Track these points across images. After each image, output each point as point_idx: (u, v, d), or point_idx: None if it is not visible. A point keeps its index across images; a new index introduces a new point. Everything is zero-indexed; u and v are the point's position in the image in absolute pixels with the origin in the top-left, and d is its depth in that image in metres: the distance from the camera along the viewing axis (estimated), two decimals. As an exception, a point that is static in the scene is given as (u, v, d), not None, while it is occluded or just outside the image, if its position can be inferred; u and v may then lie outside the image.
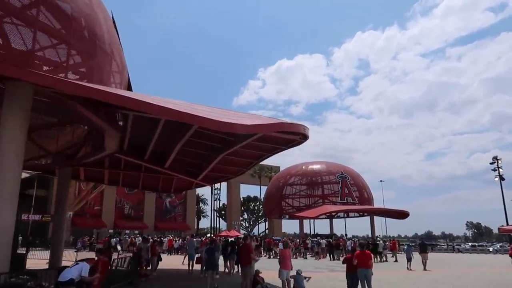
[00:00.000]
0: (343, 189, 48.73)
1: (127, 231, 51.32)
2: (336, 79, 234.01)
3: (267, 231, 76.60)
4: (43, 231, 47.32)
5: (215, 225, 73.44)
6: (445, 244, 61.75)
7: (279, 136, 12.11)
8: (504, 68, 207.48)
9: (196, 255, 16.39)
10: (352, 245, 28.28)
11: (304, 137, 12.21)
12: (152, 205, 61.58)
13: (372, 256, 27.54)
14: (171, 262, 21.69)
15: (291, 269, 10.71)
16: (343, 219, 60.11)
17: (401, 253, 29.61)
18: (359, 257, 9.77)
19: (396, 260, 26.65)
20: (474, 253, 48.25)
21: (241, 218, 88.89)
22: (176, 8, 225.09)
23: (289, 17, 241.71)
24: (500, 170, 40.59)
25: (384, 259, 26.96)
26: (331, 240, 30.06)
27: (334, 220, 59.46)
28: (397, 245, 28.16)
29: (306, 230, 71.03)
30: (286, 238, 30.28)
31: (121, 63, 13.89)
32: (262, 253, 30.68)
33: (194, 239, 19.37)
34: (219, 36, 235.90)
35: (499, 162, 41.02)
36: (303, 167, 54.03)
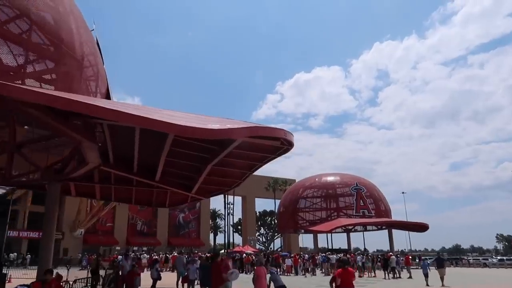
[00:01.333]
0: (358, 201, 46.86)
1: (135, 248, 50.68)
2: (355, 91, 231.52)
3: (282, 246, 74.82)
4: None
5: (228, 241, 72.33)
6: (470, 258, 58.25)
7: (262, 143, 11.23)
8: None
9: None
10: (363, 260, 26.77)
11: (288, 143, 11.24)
12: (165, 221, 61.02)
13: (363, 272, 25.74)
14: (171, 280, 20.66)
15: (268, 291, 9.57)
16: (361, 232, 57.77)
17: (418, 268, 27.76)
18: (341, 276, 8.56)
19: (410, 277, 24.87)
20: (501, 267, 45.24)
21: (257, 233, 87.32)
22: (193, 25, 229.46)
23: (305, 30, 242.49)
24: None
25: (398, 275, 25.20)
26: (341, 255, 28.39)
27: (352, 234, 57.27)
28: (410, 260, 26.29)
29: (324, 244, 69.03)
30: (261, 254, 27.71)
31: (98, 72, 13.29)
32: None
33: (182, 256, 18.35)
34: (236, 51, 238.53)
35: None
36: (316, 179, 52.49)
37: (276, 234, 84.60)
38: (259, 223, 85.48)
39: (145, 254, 38.87)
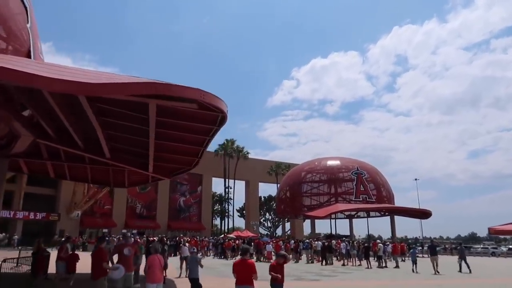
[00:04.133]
0: (358, 186, 44.86)
1: (124, 230, 50.08)
2: (372, 76, 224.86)
3: (289, 231, 73.54)
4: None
5: (233, 225, 71.50)
6: (478, 247, 55.75)
7: (180, 107, 9.94)
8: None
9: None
10: (348, 247, 25.07)
11: (217, 109, 9.73)
12: (165, 204, 60.36)
13: (348, 260, 23.86)
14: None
15: (163, 282, 8.00)
16: (365, 219, 55.75)
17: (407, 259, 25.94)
18: (236, 268, 6.92)
19: (397, 266, 23.07)
20: (509, 257, 42.85)
21: (263, 218, 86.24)
22: (209, 11, 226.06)
23: (322, 15, 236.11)
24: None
25: (384, 264, 23.39)
26: (325, 242, 26.71)
27: (355, 220, 55.37)
28: (399, 249, 24.38)
29: (327, 230, 67.43)
30: (156, 238, 23.82)
31: (11, 31, 11.81)
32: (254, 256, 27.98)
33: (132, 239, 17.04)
34: (252, 37, 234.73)
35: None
36: (316, 163, 50.58)
37: (285, 219, 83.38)
38: (264, 208, 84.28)
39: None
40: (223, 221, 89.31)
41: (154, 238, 31.74)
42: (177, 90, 8.66)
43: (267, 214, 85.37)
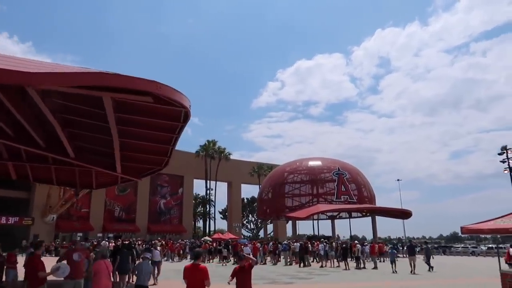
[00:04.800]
0: (339, 187, 44.61)
1: (99, 235, 48.83)
2: (356, 78, 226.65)
3: (272, 233, 73.03)
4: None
5: (214, 228, 70.66)
6: (459, 246, 56.31)
7: (136, 101, 9.32)
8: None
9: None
10: (326, 248, 24.66)
11: (177, 103, 9.20)
12: (145, 207, 59.09)
13: (325, 261, 23.74)
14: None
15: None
16: (347, 219, 55.64)
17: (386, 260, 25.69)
18: (187, 273, 6.30)
19: (375, 267, 22.77)
20: (489, 256, 43.21)
21: (246, 220, 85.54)
22: (194, 12, 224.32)
23: (307, 17, 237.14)
24: (511, 161, 35.78)
25: (362, 265, 23.05)
26: (303, 243, 26.22)
27: (337, 221, 55.16)
28: (376, 250, 24.09)
29: (310, 231, 67.09)
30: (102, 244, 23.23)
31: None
32: (230, 258, 27.36)
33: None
34: (236, 38, 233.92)
35: (510, 152, 36.17)
36: (298, 163, 50.22)
37: (267, 221, 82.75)
38: (247, 210, 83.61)
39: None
40: (206, 224, 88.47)
41: (126, 242, 30.81)
42: (127, 81, 8.02)
43: (250, 215, 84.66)
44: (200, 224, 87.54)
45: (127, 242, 29.20)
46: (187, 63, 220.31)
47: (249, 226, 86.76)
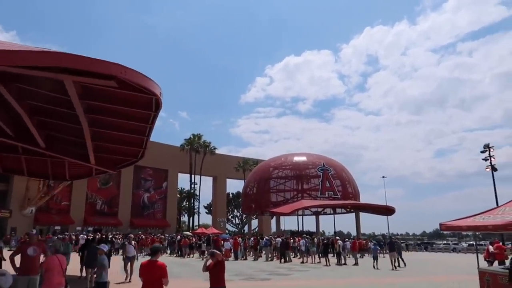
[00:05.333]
0: (324, 182, 44.43)
1: (78, 228, 47.87)
2: (344, 76, 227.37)
3: (257, 228, 72.73)
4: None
5: (198, 222, 70.04)
6: (441, 243, 56.96)
7: (98, 85, 8.83)
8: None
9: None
10: (307, 244, 24.39)
11: (145, 90, 8.74)
12: (128, 200, 58.17)
13: (306, 257, 23.63)
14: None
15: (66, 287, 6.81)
16: (331, 215, 55.61)
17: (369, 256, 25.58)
18: (143, 271, 5.81)
19: (356, 263, 22.60)
20: (469, 252, 43.67)
21: (231, 215, 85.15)
22: (183, 5, 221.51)
23: (296, 13, 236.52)
24: (493, 160, 36.09)
25: (343, 261, 22.86)
26: (285, 239, 25.93)
27: (322, 217, 55.11)
28: (357, 246, 23.94)
29: (295, 227, 67.06)
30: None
31: None
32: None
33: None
34: (226, 33, 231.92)
35: (491, 150, 36.44)
36: (283, 158, 49.94)
37: (252, 216, 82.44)
38: (233, 205, 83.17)
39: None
40: (191, 218, 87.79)
41: (104, 235, 30.13)
42: (89, 63, 7.49)
43: (236, 210, 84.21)
44: (185, 218, 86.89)
45: (104, 236, 28.60)
46: (175, 56, 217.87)
47: (234, 221, 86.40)
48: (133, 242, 17.35)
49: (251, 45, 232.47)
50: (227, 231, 68.71)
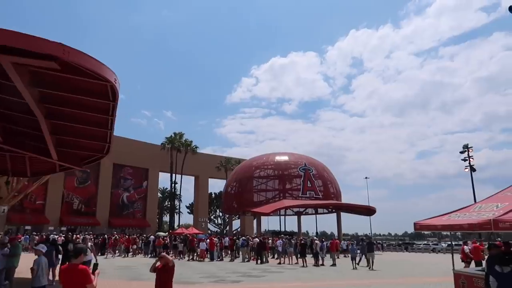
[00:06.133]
0: (305, 182, 44.02)
1: (50, 228, 46.38)
2: (329, 77, 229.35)
3: (239, 229, 71.97)
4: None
5: (179, 222, 68.95)
6: (420, 244, 57.28)
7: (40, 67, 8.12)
8: (496, 67, 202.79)
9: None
10: (284, 245, 23.83)
11: (95, 74, 8.14)
12: (106, 200, 56.67)
13: (284, 258, 23.11)
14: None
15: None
16: (313, 216, 55.28)
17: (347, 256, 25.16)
18: (63, 276, 5.04)
19: (333, 264, 22.15)
20: (448, 253, 43.87)
21: (213, 215, 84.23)
22: (168, 4, 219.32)
23: (283, 14, 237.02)
24: (471, 160, 36.26)
25: (321, 262, 22.38)
26: (261, 239, 25.31)
27: (304, 217, 54.71)
28: (335, 246, 23.49)
29: (277, 228, 66.51)
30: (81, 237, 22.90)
31: None
32: (186, 255, 26.13)
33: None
34: (212, 33, 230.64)
35: (470, 151, 36.63)
36: (265, 158, 49.38)
37: (233, 216, 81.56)
38: (215, 204, 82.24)
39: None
40: (172, 218, 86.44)
41: (78, 236, 29.13)
42: (26, 41, 6.77)
43: (218, 210, 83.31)
44: (167, 218, 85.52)
45: (77, 237, 27.50)
46: (160, 56, 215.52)
47: (216, 221, 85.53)
48: (89, 244, 15.78)
49: (237, 45, 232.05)
50: (209, 231, 67.77)
